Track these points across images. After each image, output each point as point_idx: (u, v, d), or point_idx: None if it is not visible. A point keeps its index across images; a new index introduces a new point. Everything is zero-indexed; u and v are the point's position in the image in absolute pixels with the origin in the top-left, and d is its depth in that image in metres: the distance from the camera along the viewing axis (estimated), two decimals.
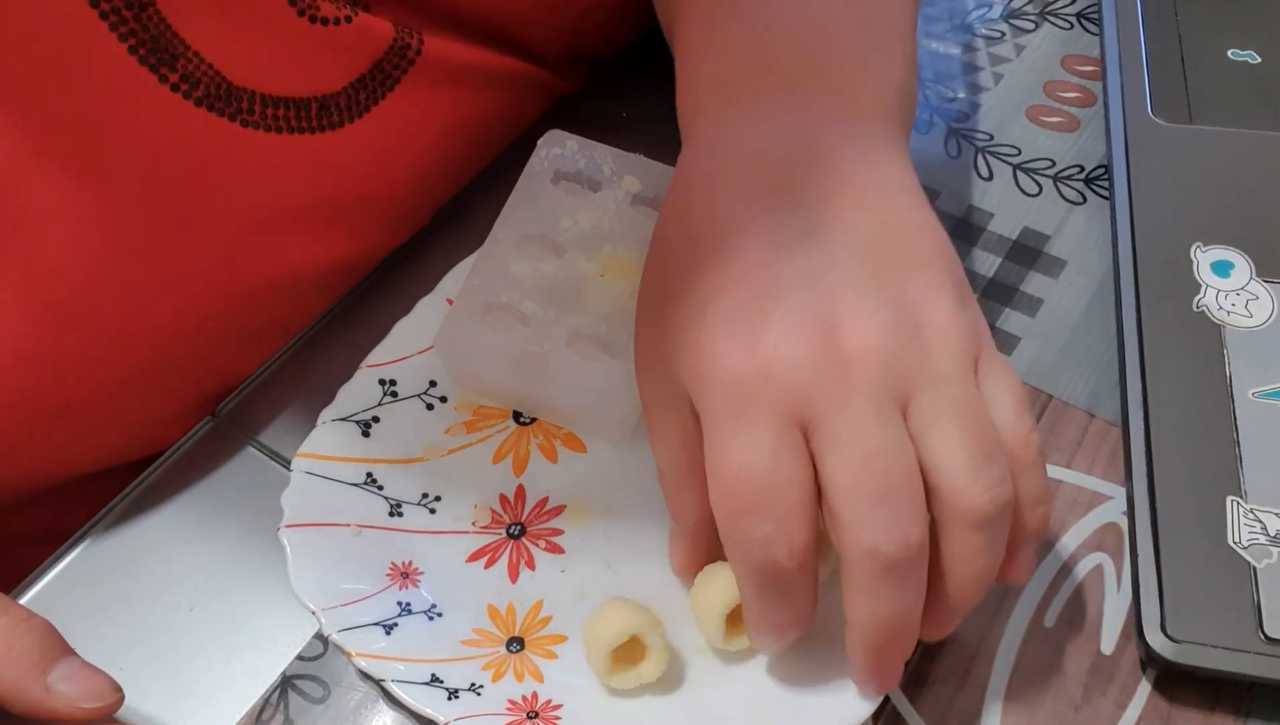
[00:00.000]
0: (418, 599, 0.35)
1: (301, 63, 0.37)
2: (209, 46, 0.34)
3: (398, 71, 0.39)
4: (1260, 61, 0.49)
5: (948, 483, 0.28)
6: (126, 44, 0.33)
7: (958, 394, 0.28)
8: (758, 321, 0.29)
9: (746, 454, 0.28)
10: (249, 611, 0.36)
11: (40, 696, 0.29)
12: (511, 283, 0.38)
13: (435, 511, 0.37)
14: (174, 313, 0.37)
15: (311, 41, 0.36)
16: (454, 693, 0.32)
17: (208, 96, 0.35)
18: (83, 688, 0.30)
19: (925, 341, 0.29)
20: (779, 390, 0.28)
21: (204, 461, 0.40)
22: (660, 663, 0.32)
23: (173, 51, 0.34)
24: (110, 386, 0.37)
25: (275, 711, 0.34)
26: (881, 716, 0.33)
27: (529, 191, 0.39)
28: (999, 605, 0.35)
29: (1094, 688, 0.34)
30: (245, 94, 0.35)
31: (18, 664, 0.29)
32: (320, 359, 0.42)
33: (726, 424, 0.28)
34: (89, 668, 0.31)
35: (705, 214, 0.32)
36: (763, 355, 0.28)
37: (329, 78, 0.37)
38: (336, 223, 0.40)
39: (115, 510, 0.38)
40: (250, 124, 0.36)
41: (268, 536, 0.35)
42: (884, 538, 0.27)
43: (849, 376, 0.28)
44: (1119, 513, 0.37)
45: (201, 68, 0.34)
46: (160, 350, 0.37)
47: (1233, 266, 0.41)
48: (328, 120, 0.38)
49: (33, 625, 0.30)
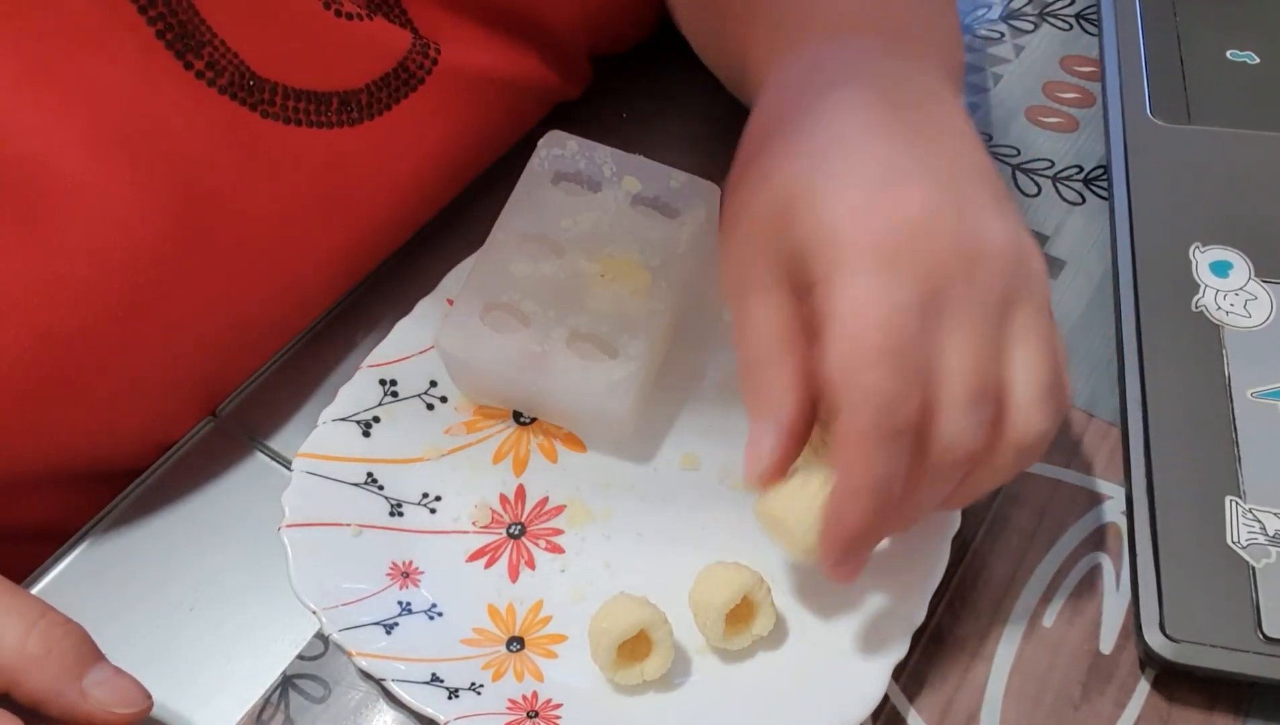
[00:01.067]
0: (418, 598, 0.35)
1: (326, 57, 0.37)
2: (236, 35, 0.35)
3: (421, 72, 0.39)
4: (1259, 62, 0.49)
5: (1019, 399, 0.28)
6: (155, 28, 0.33)
7: (1047, 325, 0.29)
8: (906, 186, 0.28)
9: (891, 302, 0.27)
10: (249, 611, 0.36)
11: (76, 700, 0.30)
12: (512, 283, 0.38)
13: (435, 511, 0.37)
14: (185, 301, 0.37)
15: (337, 36, 0.36)
16: (454, 692, 0.32)
17: (231, 85, 0.35)
18: (117, 693, 0.31)
19: (1028, 268, 0.29)
20: (923, 257, 0.28)
21: (205, 461, 0.40)
22: (665, 660, 0.33)
23: (199, 39, 0.34)
24: (119, 372, 0.37)
25: (276, 711, 0.34)
26: (881, 716, 0.33)
27: (529, 192, 0.40)
28: (998, 605, 0.35)
29: (1093, 687, 0.34)
30: (268, 85, 0.36)
31: (55, 666, 0.30)
32: (321, 359, 0.42)
33: (869, 275, 0.27)
34: (122, 673, 0.31)
35: (823, 89, 0.32)
36: (914, 219, 0.28)
37: (352, 74, 0.38)
38: (341, 220, 0.40)
39: (116, 510, 0.39)
40: (271, 115, 0.36)
41: (268, 536, 0.35)
42: (967, 437, 0.28)
43: (978, 272, 0.28)
44: (1118, 512, 0.37)
45: (227, 56, 0.35)
46: (169, 339, 0.37)
47: (1231, 267, 0.41)
48: (347, 116, 0.38)
49: (69, 630, 0.31)
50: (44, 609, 0.31)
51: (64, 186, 0.33)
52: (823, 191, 0.29)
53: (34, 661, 0.30)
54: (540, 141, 0.41)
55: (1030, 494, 0.38)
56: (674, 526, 0.37)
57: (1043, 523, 0.37)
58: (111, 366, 0.36)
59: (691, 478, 0.38)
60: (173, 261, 0.36)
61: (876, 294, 0.27)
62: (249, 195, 0.37)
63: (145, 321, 0.36)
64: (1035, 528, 0.37)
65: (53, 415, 0.36)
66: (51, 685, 0.30)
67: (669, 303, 0.38)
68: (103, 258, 0.34)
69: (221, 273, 0.37)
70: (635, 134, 0.42)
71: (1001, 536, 0.37)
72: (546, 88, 0.46)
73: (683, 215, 0.39)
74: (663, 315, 0.37)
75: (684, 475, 0.38)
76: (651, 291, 0.38)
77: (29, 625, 0.30)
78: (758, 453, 0.31)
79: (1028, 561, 0.36)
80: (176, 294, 0.36)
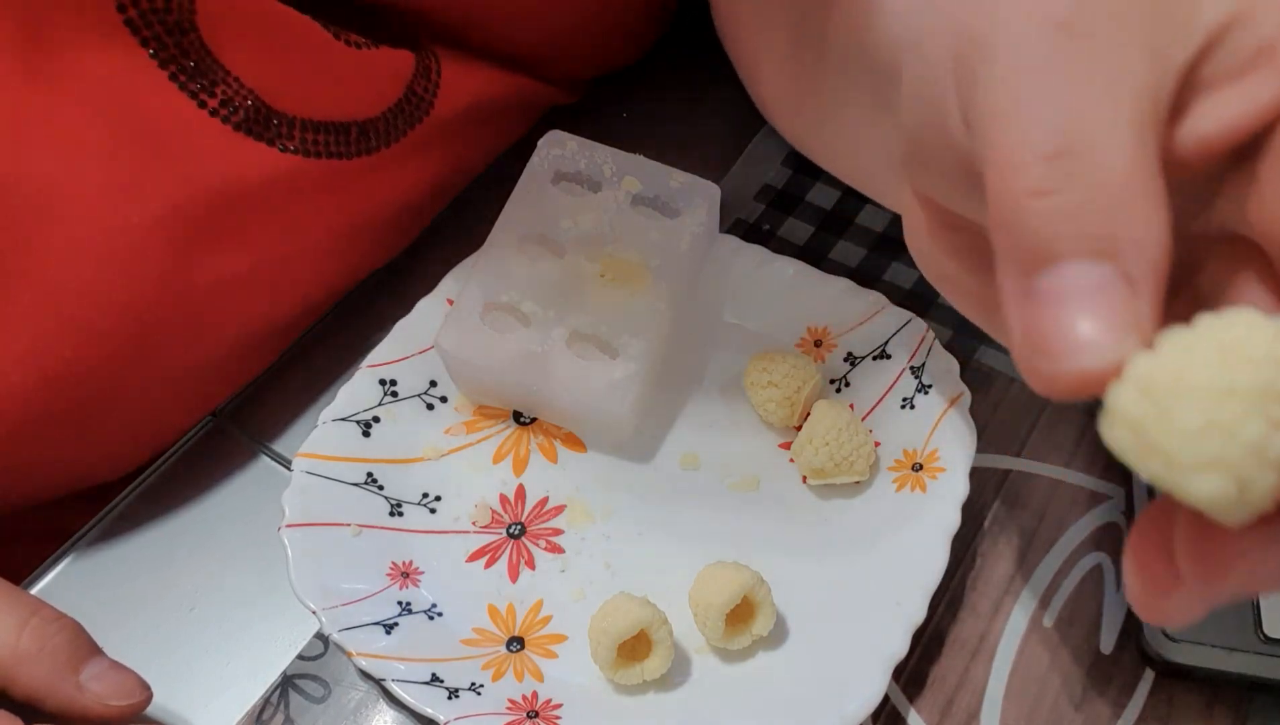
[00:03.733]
0: (418, 598, 0.35)
1: (341, 86, 0.37)
2: (249, 71, 0.34)
3: (429, 96, 0.39)
4: None
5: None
6: (168, 70, 0.33)
7: None
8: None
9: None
10: (249, 611, 0.36)
11: (72, 694, 0.30)
12: (512, 283, 0.38)
13: (435, 511, 0.37)
14: (191, 332, 0.37)
15: (349, 65, 0.36)
16: (454, 692, 0.32)
17: (246, 121, 0.35)
18: (113, 686, 0.31)
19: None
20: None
21: (205, 461, 0.40)
22: (665, 660, 0.33)
23: (212, 77, 0.34)
24: (127, 401, 0.37)
25: (276, 711, 0.34)
26: (881, 716, 0.33)
27: (529, 192, 0.40)
28: (998, 605, 0.35)
29: (1093, 687, 0.34)
30: (284, 119, 0.35)
31: (50, 662, 0.30)
32: (321, 359, 0.42)
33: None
34: (119, 666, 0.31)
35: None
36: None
37: (367, 103, 0.38)
38: (351, 242, 0.40)
39: (116, 510, 0.39)
40: (289, 150, 0.36)
41: (268, 536, 0.35)
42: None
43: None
44: (1118, 512, 0.37)
45: (242, 92, 0.34)
46: (176, 365, 0.37)
47: None
48: (365, 145, 0.38)
49: (63, 625, 0.31)
50: (37, 606, 0.31)
51: (72, 230, 0.33)
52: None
53: (28, 657, 0.30)
54: (540, 141, 0.41)
55: (1030, 494, 0.38)
56: (674, 526, 0.37)
57: (1043, 523, 0.37)
58: (119, 397, 0.36)
59: (691, 478, 0.38)
60: (182, 298, 0.36)
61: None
62: (260, 228, 0.37)
63: (152, 352, 0.36)
64: (1035, 528, 0.37)
65: (62, 446, 0.36)
66: (46, 680, 0.30)
67: (669, 303, 0.38)
68: (108, 300, 0.34)
69: (229, 302, 0.37)
70: (635, 134, 0.41)
71: (1002, 536, 0.37)
72: (544, 100, 0.46)
73: (683, 215, 0.39)
74: (663, 315, 0.37)
75: (684, 475, 0.38)
76: (651, 291, 0.38)
77: (21, 623, 0.30)
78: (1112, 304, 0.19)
79: (1028, 561, 0.36)
80: (185, 325, 0.36)
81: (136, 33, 0.32)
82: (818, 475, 0.36)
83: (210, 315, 0.37)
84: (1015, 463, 0.38)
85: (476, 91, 0.41)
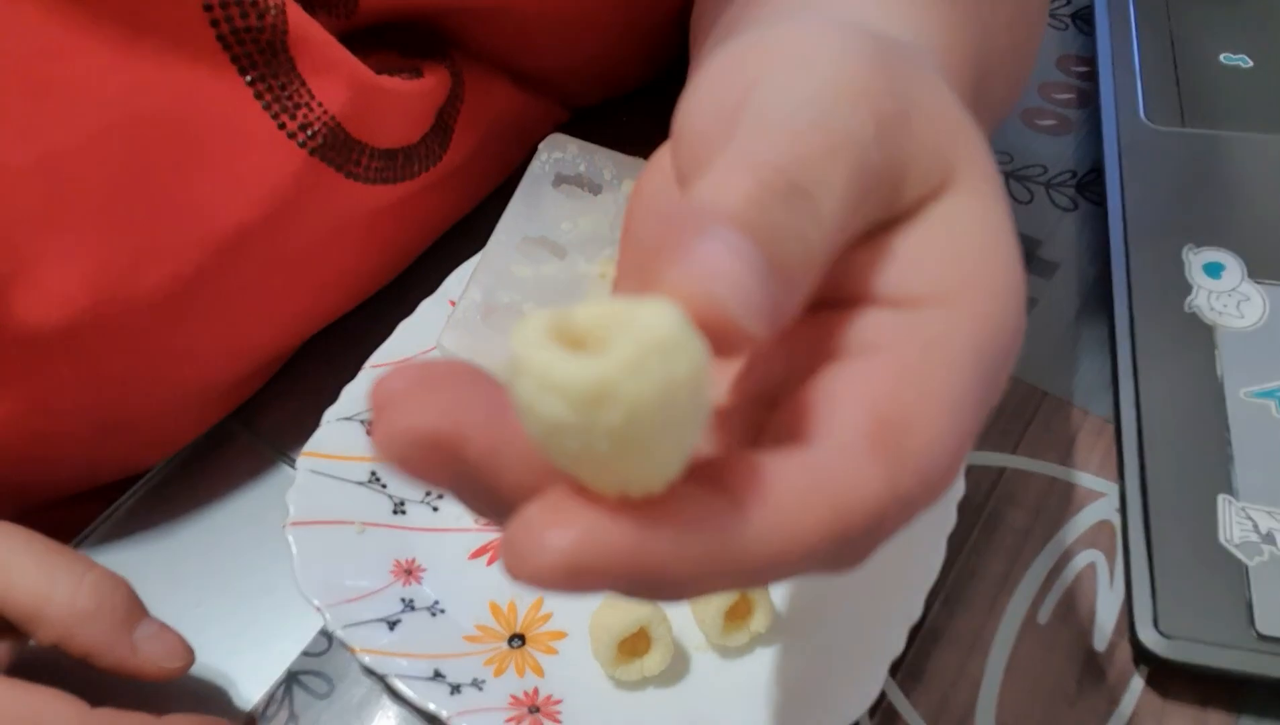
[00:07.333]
0: (421, 595, 0.35)
1: (400, 115, 0.37)
2: (332, 97, 0.34)
3: (453, 121, 0.40)
4: (1252, 66, 0.49)
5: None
6: (254, 89, 0.33)
7: None
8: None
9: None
10: (254, 608, 0.36)
11: (126, 654, 0.31)
12: (513, 284, 0.38)
13: (438, 509, 0.37)
14: (210, 342, 0.37)
15: (405, 94, 0.37)
16: (456, 688, 0.33)
17: (322, 147, 0.34)
18: (166, 647, 0.31)
19: None
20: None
21: (209, 460, 0.40)
22: (665, 656, 0.33)
23: (296, 100, 0.33)
24: (149, 409, 0.37)
25: (280, 707, 0.34)
26: (877, 712, 0.34)
27: (530, 194, 0.40)
28: (993, 602, 0.36)
29: (1087, 684, 0.34)
30: (358, 146, 0.35)
31: (107, 620, 0.30)
32: (324, 358, 0.42)
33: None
34: (167, 628, 0.32)
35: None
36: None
37: (412, 129, 0.38)
38: (379, 259, 0.41)
39: (121, 509, 0.39)
40: (355, 176, 0.36)
41: (273, 534, 0.35)
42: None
43: None
44: (1112, 510, 0.38)
45: (323, 118, 0.34)
46: (187, 378, 0.37)
47: (1224, 268, 0.41)
48: (409, 170, 0.38)
49: (117, 584, 0.31)
50: (90, 563, 0.31)
51: (134, 245, 0.33)
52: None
53: (87, 615, 0.30)
54: (541, 145, 0.41)
55: (1025, 492, 0.38)
56: None
57: (1037, 520, 0.37)
58: (140, 405, 0.36)
59: None
60: (216, 316, 0.36)
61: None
62: (310, 254, 0.37)
63: (171, 367, 0.36)
64: (1030, 525, 0.37)
65: (79, 450, 0.37)
66: (104, 639, 0.30)
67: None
68: (133, 318, 0.34)
69: (264, 318, 0.38)
70: (635, 136, 0.42)
71: (996, 534, 0.37)
72: (554, 121, 0.47)
73: None
74: None
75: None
76: None
77: (77, 580, 0.30)
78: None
79: (1022, 558, 0.37)
80: (213, 340, 0.37)
81: (228, 48, 0.32)
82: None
83: (245, 328, 0.37)
84: (1010, 460, 0.39)
85: (494, 116, 0.42)
